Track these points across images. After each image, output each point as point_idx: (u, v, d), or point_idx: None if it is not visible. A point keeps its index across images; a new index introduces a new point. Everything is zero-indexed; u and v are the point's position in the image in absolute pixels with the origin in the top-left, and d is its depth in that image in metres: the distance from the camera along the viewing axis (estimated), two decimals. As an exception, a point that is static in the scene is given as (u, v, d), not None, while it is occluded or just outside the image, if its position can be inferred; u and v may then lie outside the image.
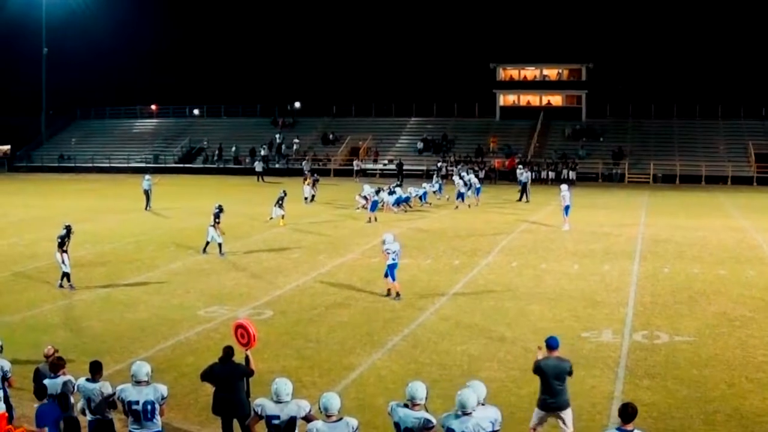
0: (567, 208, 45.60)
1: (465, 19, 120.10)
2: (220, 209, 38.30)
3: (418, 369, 20.67)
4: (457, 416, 12.39)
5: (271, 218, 47.48)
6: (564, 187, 47.16)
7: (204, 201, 54.59)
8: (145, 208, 56.29)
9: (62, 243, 30.69)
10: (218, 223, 37.46)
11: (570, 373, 15.88)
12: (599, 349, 22.66)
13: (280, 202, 47.52)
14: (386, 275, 29.40)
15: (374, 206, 50.13)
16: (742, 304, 28.07)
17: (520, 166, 69.66)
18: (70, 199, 65.32)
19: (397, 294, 29.01)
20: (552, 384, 15.57)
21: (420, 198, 57.96)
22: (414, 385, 12.76)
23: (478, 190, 60.06)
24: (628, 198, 64.97)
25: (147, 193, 57.19)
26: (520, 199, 61.72)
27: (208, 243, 37.73)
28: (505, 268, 34.59)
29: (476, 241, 41.57)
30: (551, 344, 16.10)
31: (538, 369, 15.79)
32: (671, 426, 17.30)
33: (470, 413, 12.33)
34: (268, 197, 54.09)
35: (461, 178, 60.96)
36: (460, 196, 57.59)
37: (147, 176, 59.31)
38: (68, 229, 31.42)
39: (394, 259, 29.11)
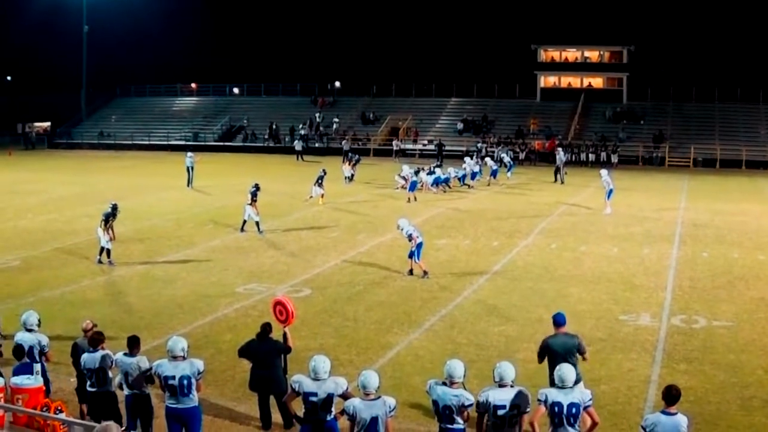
0: (610, 192, 45.21)
1: (506, 1, 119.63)
2: (257, 188, 38.42)
3: (455, 349, 20.66)
4: (560, 389, 12.67)
5: (311, 197, 47.51)
6: (603, 172, 46.89)
7: (243, 179, 54.61)
8: (187, 186, 56.52)
9: (106, 220, 30.86)
10: (255, 201, 37.58)
11: (580, 351, 15.67)
12: (637, 333, 22.59)
13: (320, 181, 47.62)
14: (411, 256, 29.43)
15: (413, 186, 50.15)
16: (781, 289, 27.92)
17: (559, 149, 69.33)
18: (110, 176, 65.57)
19: (425, 272, 29.11)
20: (562, 361, 14.97)
21: (459, 179, 57.79)
22: (452, 364, 12.93)
23: (494, 172, 60.64)
24: (668, 182, 64.54)
25: (189, 170, 57.44)
26: (555, 180, 61.70)
27: (245, 221, 37.93)
28: (544, 250, 34.50)
29: (515, 223, 41.47)
30: (558, 321, 15.93)
31: (546, 347, 15.58)
32: (707, 410, 17.23)
33: (572, 387, 12.69)
34: (307, 176, 54.21)
35: (472, 158, 63.38)
36: (473, 176, 59.06)
37: (189, 154, 59.63)
38: (114, 207, 31.65)
39: (419, 239, 29.25)
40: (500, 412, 12.56)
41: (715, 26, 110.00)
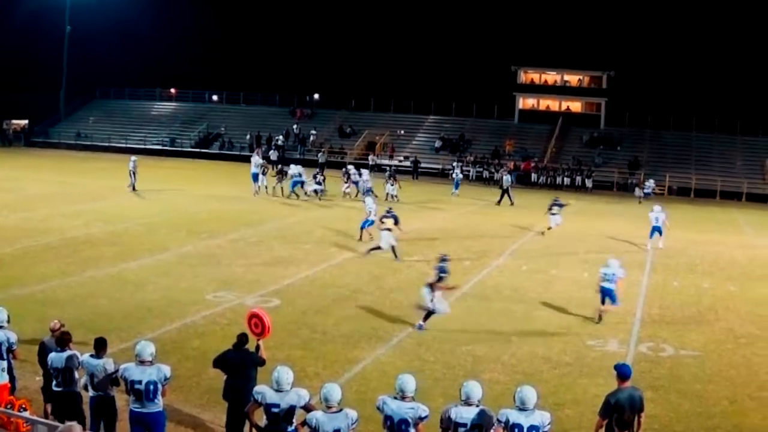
0: (658, 228, 42.68)
1: (488, 21, 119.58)
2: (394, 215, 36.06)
3: (421, 366, 20.71)
4: (521, 410, 12.64)
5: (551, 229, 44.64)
6: (657, 208, 43.85)
7: (219, 187, 54.55)
8: (132, 189, 55.63)
9: (440, 279, 25.38)
10: (396, 224, 35.56)
11: (642, 407, 14.22)
12: (604, 358, 22.62)
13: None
14: (607, 298, 26.99)
15: (369, 223, 41.18)
16: (750, 321, 27.95)
17: (504, 172, 68.02)
18: (86, 177, 65.33)
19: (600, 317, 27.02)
20: (627, 419, 13.85)
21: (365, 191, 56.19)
22: (404, 378, 13.02)
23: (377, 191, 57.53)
24: (642, 208, 64.66)
25: (131, 174, 56.26)
26: (499, 203, 61.03)
27: (393, 248, 35.35)
28: (515, 272, 34.56)
29: (488, 243, 41.50)
30: (625, 373, 14.39)
31: (615, 405, 13.91)
32: (671, 438, 17.33)
33: (532, 409, 12.63)
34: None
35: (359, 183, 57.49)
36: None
37: (133, 157, 58.77)
38: (444, 260, 26.32)
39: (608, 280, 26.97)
40: (461, 430, 12.58)
41: (695, 56, 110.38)
